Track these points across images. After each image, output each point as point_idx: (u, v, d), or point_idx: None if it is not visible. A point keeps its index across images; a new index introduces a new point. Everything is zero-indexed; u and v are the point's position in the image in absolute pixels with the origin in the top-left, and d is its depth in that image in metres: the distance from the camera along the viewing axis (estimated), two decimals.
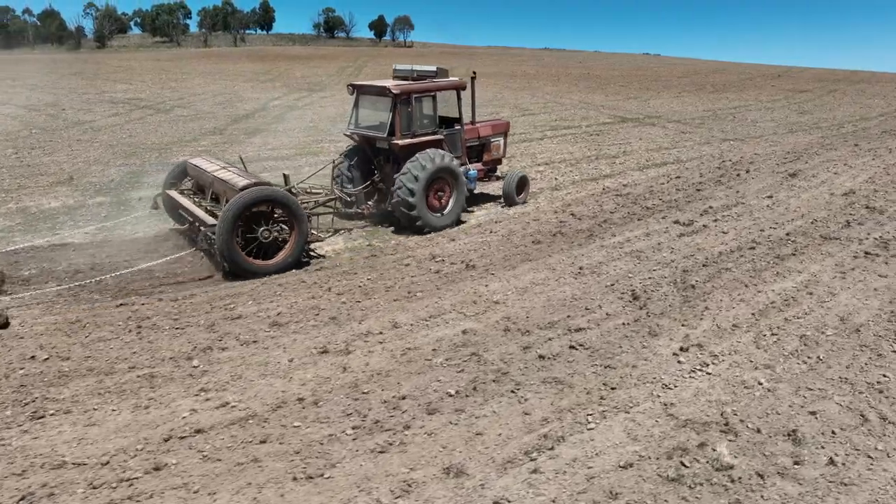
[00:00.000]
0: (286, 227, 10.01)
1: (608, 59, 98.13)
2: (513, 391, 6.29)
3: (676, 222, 12.33)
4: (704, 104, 37.81)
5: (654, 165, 19.15)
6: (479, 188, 14.38)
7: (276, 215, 10.00)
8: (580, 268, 9.80)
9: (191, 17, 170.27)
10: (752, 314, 8.05)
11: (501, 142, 14.73)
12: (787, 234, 11.47)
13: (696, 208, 13.47)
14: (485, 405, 6.04)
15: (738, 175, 16.94)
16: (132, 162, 19.18)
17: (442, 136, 12.61)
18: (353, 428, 5.68)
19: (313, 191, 12.62)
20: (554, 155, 20.76)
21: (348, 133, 13.08)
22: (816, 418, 5.78)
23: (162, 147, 22.04)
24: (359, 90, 12.82)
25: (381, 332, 7.61)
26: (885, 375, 6.51)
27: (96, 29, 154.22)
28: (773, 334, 7.48)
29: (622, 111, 33.95)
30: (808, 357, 6.95)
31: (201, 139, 24.02)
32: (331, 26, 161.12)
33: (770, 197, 14.34)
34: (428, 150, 11.95)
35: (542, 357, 6.94)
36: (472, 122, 13.86)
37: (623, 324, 7.77)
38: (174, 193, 11.86)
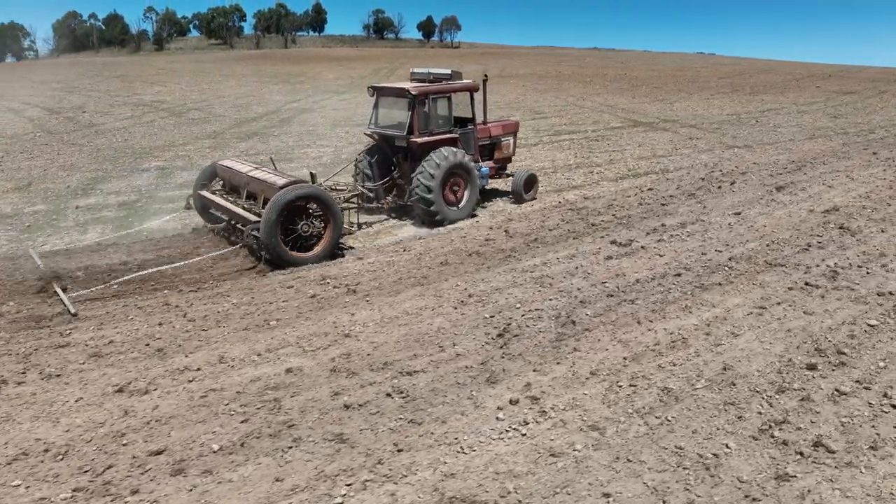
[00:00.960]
0: (319, 222, 10.75)
1: (655, 59, 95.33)
2: (285, 449, 5.53)
3: (613, 242, 11.27)
4: (733, 107, 35.84)
5: (635, 175, 17.93)
6: (491, 185, 15.06)
7: (311, 210, 10.66)
8: (469, 295, 8.93)
9: (245, 20, 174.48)
10: (624, 358, 7.04)
11: (511, 141, 15.38)
12: (730, 259, 10.29)
13: (646, 226, 12.35)
14: (240, 466, 5.31)
15: (719, 188, 15.63)
16: (103, 167, 19.13)
17: (457, 135, 13.22)
18: (76, 490, 5.04)
19: (338, 187, 13.37)
20: (536, 163, 19.72)
21: (368, 132, 13.71)
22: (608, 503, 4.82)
23: (145, 152, 22.01)
24: (379, 92, 13.42)
25: (199, 369, 6.95)
26: (727, 446, 5.46)
27: (155, 32, 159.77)
28: (631, 385, 6.48)
29: (640, 115, 32.44)
30: (656, 417, 5.95)
31: (191, 143, 23.94)
32: (380, 27, 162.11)
33: (738, 214, 13.08)
34: (443, 148, 12.59)
35: (347, 406, 6.15)
36: (484, 122, 14.48)
37: (466, 367, 6.89)
38: (206, 194, 12.41)
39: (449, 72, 13.53)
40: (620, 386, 6.46)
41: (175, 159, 20.43)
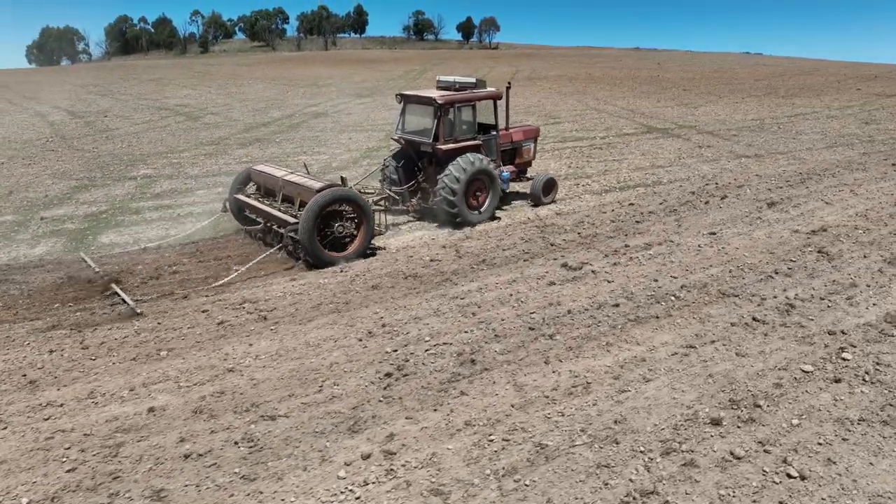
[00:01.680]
0: (352, 224, 11.30)
1: (694, 59, 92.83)
2: None
3: (565, 265, 10.59)
4: (760, 112, 34.32)
5: (623, 188, 17.10)
6: (512, 188, 15.29)
7: (345, 212, 11.17)
8: (383, 325, 8.41)
9: (288, 22, 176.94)
10: (511, 406, 6.44)
11: (532, 146, 15.80)
12: (681, 288, 9.53)
13: (609, 247, 11.62)
14: None
15: (706, 203, 14.74)
16: (92, 175, 19.21)
17: (480, 142, 13.63)
18: None
19: (366, 191, 13.89)
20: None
21: (395, 137, 14.19)
22: None
23: (141, 158, 22.10)
24: (406, 99, 13.87)
25: (62, 405, 6.63)
26: None
27: (200, 35, 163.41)
28: (504, 439, 5.88)
29: (658, 119, 31.31)
30: (515, 479, 5.35)
31: (191, 150, 23.98)
32: (420, 29, 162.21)
33: (713, 234, 12.24)
34: (467, 154, 13.02)
35: (186, 456, 5.72)
36: (506, 128, 14.91)
37: (334, 412, 6.39)
38: (242, 197, 12.91)
39: (474, 80, 13.85)
40: (491, 440, 5.87)
41: (166, 167, 20.42)
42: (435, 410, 6.37)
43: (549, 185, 15.37)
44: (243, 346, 7.89)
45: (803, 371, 7.04)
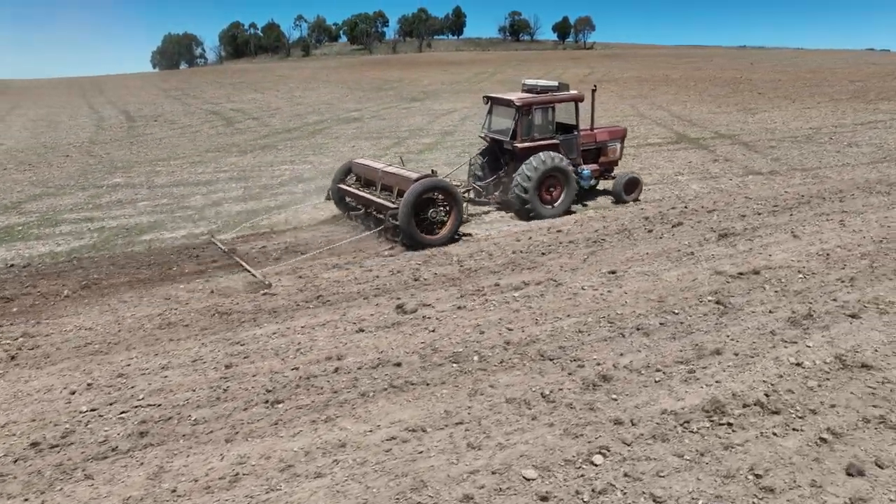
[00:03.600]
0: (443, 210, 12.37)
1: (800, 58, 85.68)
2: None
3: (399, 307, 9.27)
4: (826, 118, 30.58)
5: (581, 210, 15.32)
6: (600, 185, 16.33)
7: (438, 200, 12.25)
8: (119, 375, 7.51)
9: (388, 25, 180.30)
10: (125, 500, 5.34)
11: (618, 146, 16.27)
12: (502, 345, 8.02)
13: (477, 284, 10.17)
14: None
15: (649, 231, 12.85)
16: (66, 183, 19.59)
17: (558, 141, 14.35)
18: None
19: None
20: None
21: (482, 135, 15.31)
22: None
23: (129, 166, 22.45)
24: (492, 101, 14.97)
25: None
26: None
27: (303, 39, 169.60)
28: None
29: (700, 128, 28.54)
30: None
31: (187, 157, 24.16)
32: (515, 30, 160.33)
33: (613, 273, 10.47)
34: (543, 152, 13.80)
35: None
36: (591, 129, 15.65)
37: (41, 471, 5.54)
38: (344, 186, 14.26)
39: (556, 84, 14.63)
40: None
41: (143, 175, 20.55)
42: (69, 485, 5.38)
43: (632, 184, 15.69)
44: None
45: (524, 478, 5.47)
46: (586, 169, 15.13)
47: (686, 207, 14.68)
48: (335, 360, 7.72)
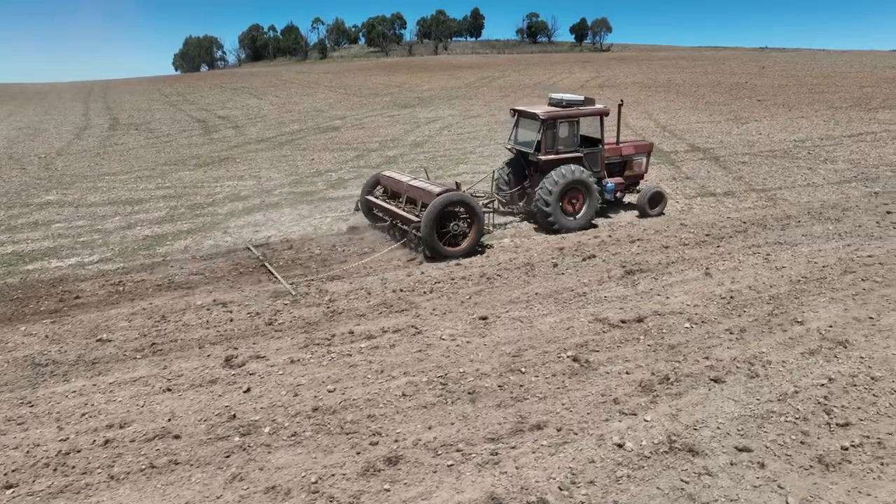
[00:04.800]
0: (465, 223, 12.66)
1: (815, 60, 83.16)
2: None
3: (228, 360, 8.51)
4: (816, 129, 29.16)
5: (488, 239, 14.39)
6: (626, 198, 16.44)
7: (460, 213, 12.56)
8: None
9: (406, 27, 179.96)
10: None
11: (644, 160, 16.40)
12: (313, 411, 7.24)
13: (332, 332, 9.38)
14: None
15: (554, 266, 11.96)
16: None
17: (581, 154, 14.45)
18: None
19: (477, 195, 14.76)
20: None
21: (509, 147, 15.46)
22: None
23: (75, 181, 22.02)
24: (519, 114, 15.13)
25: None
26: None
27: (320, 41, 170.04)
28: None
29: (679, 140, 27.33)
30: None
31: (140, 171, 23.70)
32: (533, 31, 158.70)
33: (484, 319, 9.64)
34: (565, 165, 13.88)
35: None
36: (617, 142, 15.91)
37: None
38: (372, 198, 14.47)
39: (582, 98, 14.75)
40: None
41: (79, 192, 20.06)
42: None
43: (656, 199, 15.60)
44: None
45: None
46: (610, 182, 15.27)
47: (609, 237, 13.71)
48: (116, 428, 7.00)
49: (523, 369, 8.03)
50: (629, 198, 16.49)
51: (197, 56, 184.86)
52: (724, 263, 11.74)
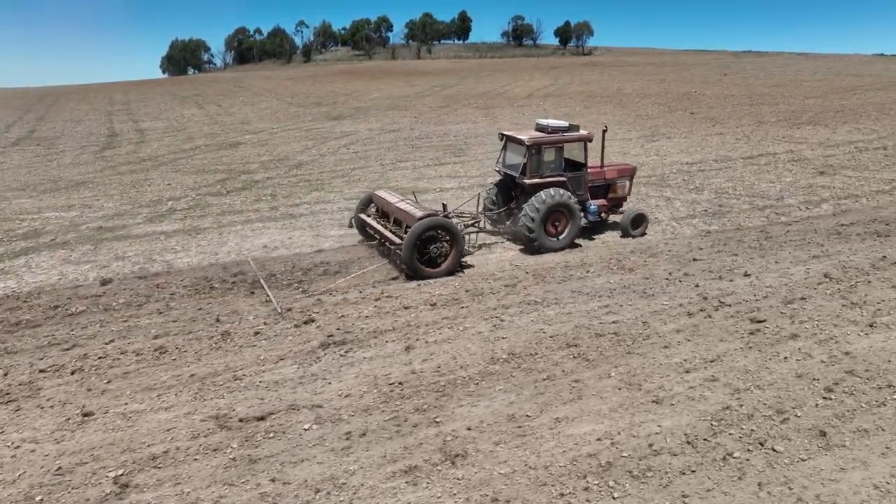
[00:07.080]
0: (446, 245, 13.19)
1: (792, 65, 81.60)
2: None
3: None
4: (715, 151, 27.75)
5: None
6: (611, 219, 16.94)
7: (440, 236, 13.11)
8: None
9: (392, 30, 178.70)
10: None
11: (627, 183, 16.95)
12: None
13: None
14: None
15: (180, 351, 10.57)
16: None
17: (565, 178, 14.96)
18: None
19: (462, 215, 15.61)
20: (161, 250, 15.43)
21: (497, 169, 16.10)
22: None
23: None
24: (506, 138, 15.71)
25: None
26: None
27: (304, 45, 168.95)
28: None
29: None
30: None
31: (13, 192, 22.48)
32: (518, 34, 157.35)
33: (89, 414, 8.26)
34: (549, 189, 14.38)
35: None
36: (601, 166, 16.27)
37: None
38: (364, 217, 15.24)
39: (567, 124, 15.22)
40: None
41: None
42: None
43: (638, 220, 16.03)
44: None
45: None
46: (593, 205, 15.75)
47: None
48: None
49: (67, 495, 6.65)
50: (615, 217, 16.92)
51: (183, 59, 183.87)
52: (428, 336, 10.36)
